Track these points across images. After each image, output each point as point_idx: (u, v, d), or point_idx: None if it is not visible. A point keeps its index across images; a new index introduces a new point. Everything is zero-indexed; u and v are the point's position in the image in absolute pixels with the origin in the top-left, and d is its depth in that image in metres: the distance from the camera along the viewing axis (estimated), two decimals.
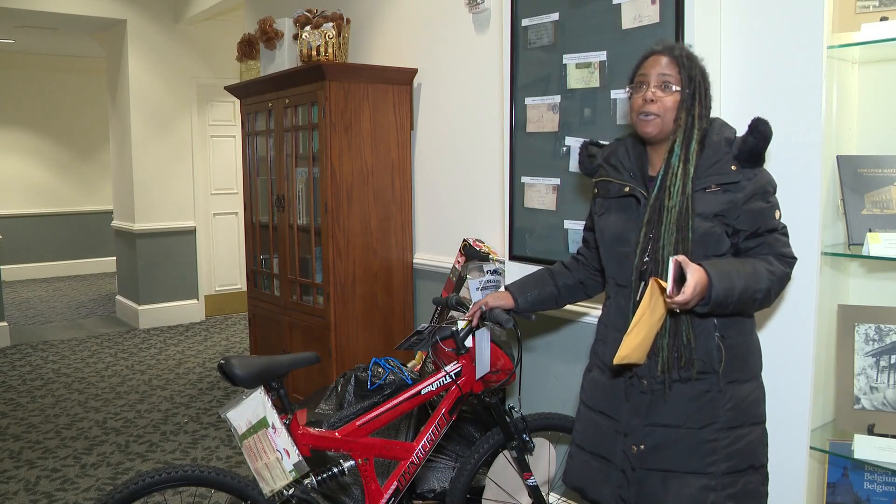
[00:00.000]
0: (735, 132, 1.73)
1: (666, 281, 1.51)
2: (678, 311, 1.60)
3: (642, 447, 1.74)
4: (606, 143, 1.98)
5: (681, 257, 1.53)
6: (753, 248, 1.69)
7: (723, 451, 1.69)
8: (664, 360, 1.68)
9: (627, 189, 1.78)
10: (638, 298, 1.68)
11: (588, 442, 1.89)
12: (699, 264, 1.55)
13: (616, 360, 1.61)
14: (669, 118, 1.70)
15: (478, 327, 2.21)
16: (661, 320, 1.65)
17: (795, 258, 1.71)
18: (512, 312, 2.10)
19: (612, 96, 2.34)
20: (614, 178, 1.83)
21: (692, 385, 1.70)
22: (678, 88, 1.68)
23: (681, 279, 1.51)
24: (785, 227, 1.72)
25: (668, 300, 1.53)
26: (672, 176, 1.68)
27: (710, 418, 1.70)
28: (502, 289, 2.36)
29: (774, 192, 1.72)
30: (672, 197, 1.67)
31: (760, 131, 1.64)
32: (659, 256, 1.68)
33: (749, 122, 1.67)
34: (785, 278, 1.68)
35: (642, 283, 1.70)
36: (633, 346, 1.60)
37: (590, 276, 2.05)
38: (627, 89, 1.78)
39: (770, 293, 1.64)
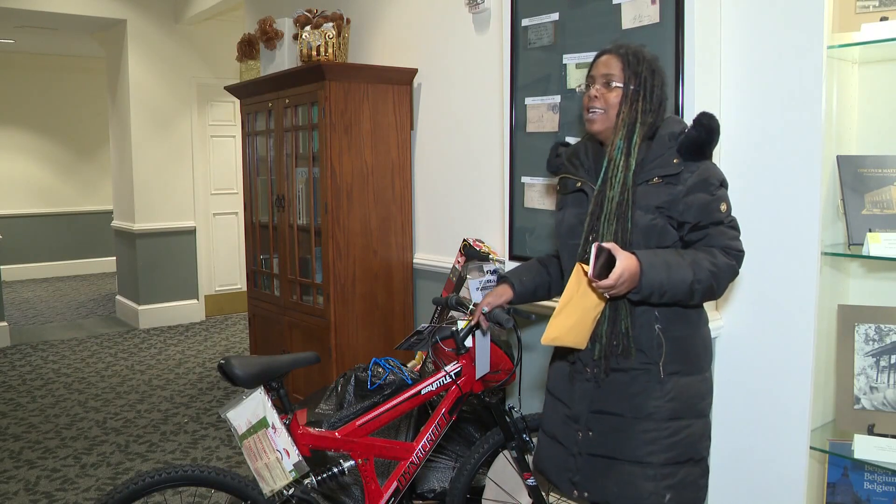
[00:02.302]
0: (685, 127, 1.75)
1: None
2: (608, 297, 1.64)
3: (590, 433, 1.79)
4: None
5: (610, 244, 1.56)
6: (698, 240, 1.71)
7: (662, 441, 1.72)
8: (602, 347, 1.73)
9: (579, 184, 1.84)
10: None
11: (548, 426, 1.95)
12: (633, 252, 1.59)
13: (543, 341, 1.66)
14: (613, 114, 1.74)
15: (477, 326, 2.21)
16: (599, 306, 1.69)
17: (742, 251, 1.72)
18: (512, 312, 2.11)
19: None
20: (571, 174, 1.88)
21: (632, 374, 1.74)
22: (620, 84, 1.72)
23: (612, 265, 1.54)
24: (733, 219, 1.73)
25: (593, 284, 1.56)
26: (614, 168, 1.72)
27: (649, 408, 1.73)
28: None
29: (721, 186, 1.72)
30: (613, 188, 1.71)
31: (703, 125, 1.67)
32: None
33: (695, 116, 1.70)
34: (730, 271, 1.68)
35: None
36: (563, 328, 1.65)
37: None
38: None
39: (712, 286, 1.65)
